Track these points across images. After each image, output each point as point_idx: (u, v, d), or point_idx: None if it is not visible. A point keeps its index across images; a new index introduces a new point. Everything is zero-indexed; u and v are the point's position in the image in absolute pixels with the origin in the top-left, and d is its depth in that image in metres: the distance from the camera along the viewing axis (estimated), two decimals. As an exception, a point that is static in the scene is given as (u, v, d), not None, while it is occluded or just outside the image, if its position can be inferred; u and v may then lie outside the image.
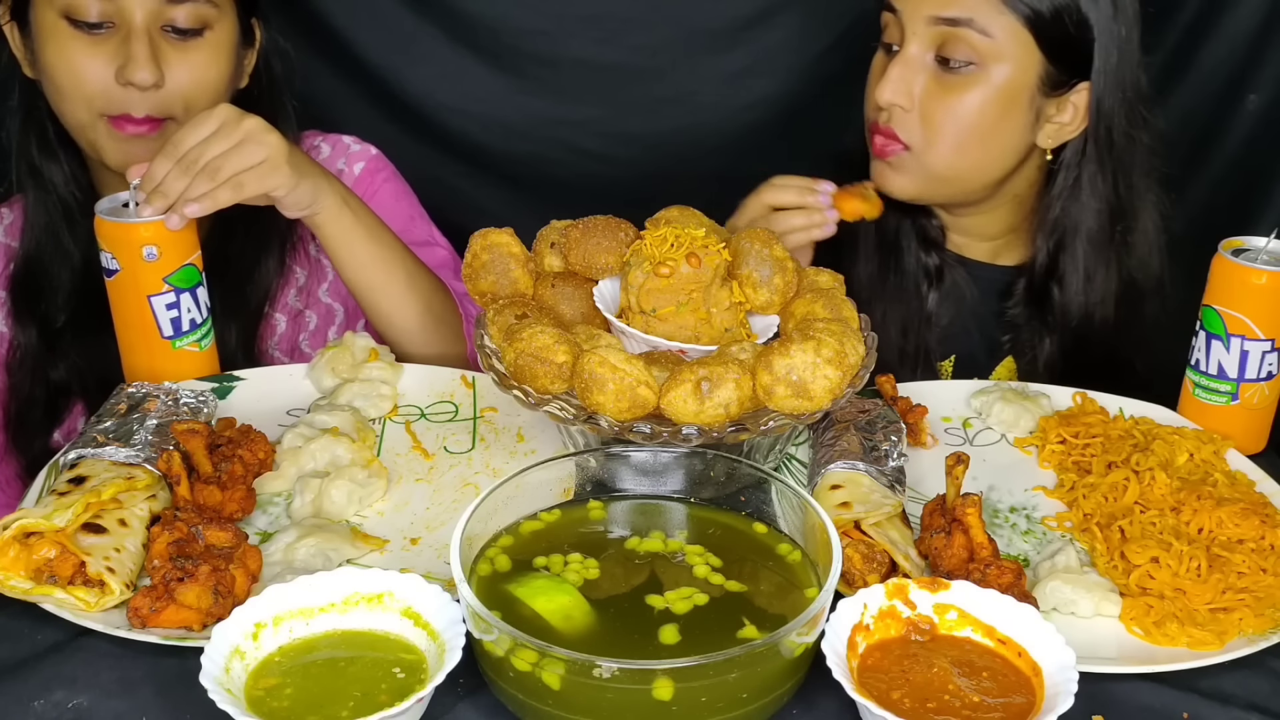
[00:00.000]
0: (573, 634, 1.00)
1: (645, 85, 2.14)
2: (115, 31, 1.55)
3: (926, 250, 1.74)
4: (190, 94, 1.60)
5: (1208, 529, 1.24)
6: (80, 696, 1.02)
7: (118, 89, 1.56)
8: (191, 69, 1.59)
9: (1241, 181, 2.13)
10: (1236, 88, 2.10)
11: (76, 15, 1.54)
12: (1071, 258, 1.70)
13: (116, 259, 1.41)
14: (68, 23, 1.55)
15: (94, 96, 1.57)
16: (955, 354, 1.77)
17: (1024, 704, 0.97)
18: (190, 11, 1.57)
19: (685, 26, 2.12)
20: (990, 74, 1.59)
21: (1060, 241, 1.70)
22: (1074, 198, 1.69)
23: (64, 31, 1.55)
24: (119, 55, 1.55)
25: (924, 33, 1.58)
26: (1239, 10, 2.06)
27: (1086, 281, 1.71)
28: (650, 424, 1.17)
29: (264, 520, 1.27)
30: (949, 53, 1.58)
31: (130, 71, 1.54)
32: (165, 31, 1.57)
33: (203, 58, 1.60)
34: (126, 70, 1.54)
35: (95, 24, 1.54)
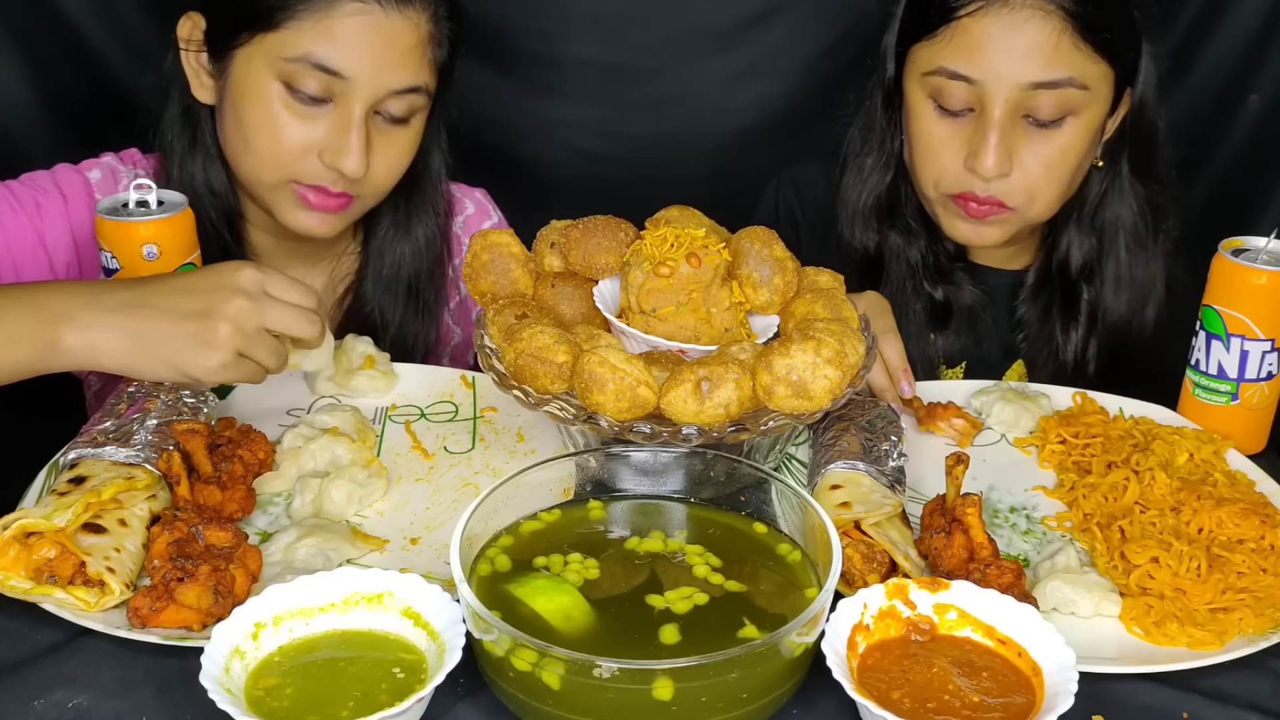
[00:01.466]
0: (573, 634, 1.00)
1: (645, 85, 2.13)
2: (330, 111, 1.50)
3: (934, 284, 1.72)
4: (382, 180, 1.58)
5: (1208, 529, 1.24)
6: (80, 696, 1.02)
7: (318, 165, 1.51)
8: (390, 158, 1.56)
9: (1241, 181, 2.13)
10: (1236, 88, 2.10)
11: (297, 86, 1.48)
12: (1113, 255, 1.70)
13: (116, 258, 1.41)
14: (284, 89, 1.49)
15: (288, 164, 1.52)
16: (966, 360, 1.77)
17: (1024, 704, 0.97)
18: (409, 103, 1.53)
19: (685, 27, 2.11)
20: (1081, 118, 1.56)
21: (1101, 240, 1.70)
22: (1114, 194, 1.68)
23: (276, 97, 1.49)
24: (330, 136, 1.50)
25: (1015, 97, 1.53)
26: (1239, 10, 2.06)
27: (1129, 280, 1.70)
28: (650, 424, 1.17)
29: (264, 520, 1.27)
30: (1042, 113, 1.54)
31: (341, 160, 1.49)
32: (376, 117, 1.53)
33: (403, 145, 1.57)
34: (337, 158, 1.49)
35: (315, 99, 1.49)
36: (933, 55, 1.57)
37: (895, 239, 1.73)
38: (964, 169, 1.58)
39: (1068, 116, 1.55)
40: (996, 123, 1.54)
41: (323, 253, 1.75)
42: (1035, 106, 1.54)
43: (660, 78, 2.13)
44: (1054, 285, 1.74)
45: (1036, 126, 1.55)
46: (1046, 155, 1.57)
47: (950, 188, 1.61)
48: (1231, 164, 2.14)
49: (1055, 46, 1.51)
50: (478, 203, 1.87)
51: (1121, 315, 1.72)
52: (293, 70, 1.47)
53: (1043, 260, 1.76)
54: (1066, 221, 1.71)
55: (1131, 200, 1.68)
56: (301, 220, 1.57)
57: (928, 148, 1.61)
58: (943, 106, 1.58)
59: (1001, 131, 1.54)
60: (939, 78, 1.56)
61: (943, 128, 1.59)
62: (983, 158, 1.55)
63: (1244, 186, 2.14)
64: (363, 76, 1.48)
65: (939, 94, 1.57)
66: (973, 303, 1.74)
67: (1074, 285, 1.72)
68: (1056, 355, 1.73)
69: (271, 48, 1.48)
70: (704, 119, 2.17)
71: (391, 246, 1.72)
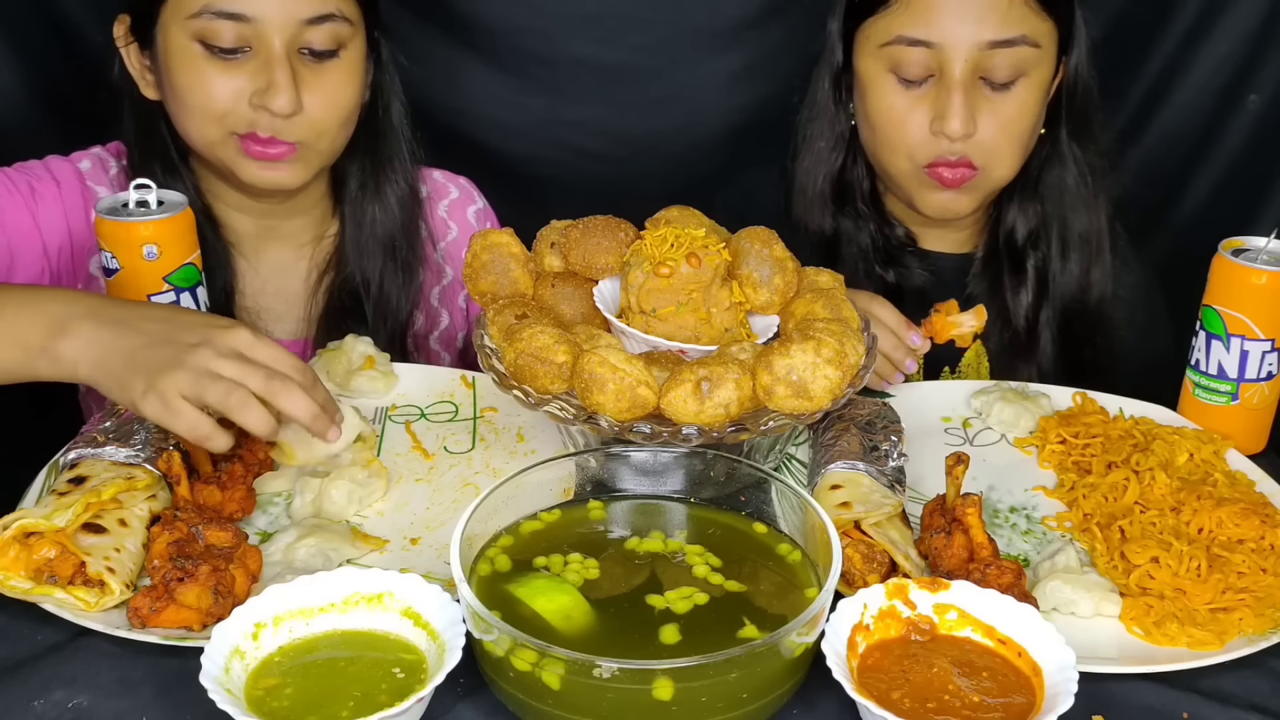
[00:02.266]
0: (573, 634, 1.00)
1: (645, 85, 2.13)
2: (251, 56, 1.51)
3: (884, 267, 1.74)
4: (322, 119, 1.56)
5: (1208, 529, 1.24)
6: (80, 696, 1.02)
7: (248, 109, 1.52)
8: (326, 93, 1.55)
9: (1241, 181, 2.14)
10: (1236, 88, 2.10)
11: (211, 40, 1.49)
12: (1059, 219, 1.73)
13: (116, 258, 1.41)
14: (201, 46, 1.50)
15: (225, 115, 1.53)
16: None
17: (1024, 704, 0.97)
18: (328, 33, 1.53)
19: (685, 26, 2.11)
20: (1033, 77, 1.60)
21: (1043, 206, 1.73)
22: (1055, 160, 1.72)
23: (197, 55, 1.51)
24: (257, 79, 1.51)
25: (973, 57, 1.56)
26: (1239, 10, 2.06)
27: (1077, 243, 1.74)
28: (650, 424, 1.17)
29: (264, 520, 1.27)
30: (997, 74, 1.57)
31: (270, 99, 1.50)
32: (301, 55, 1.53)
33: (337, 79, 1.57)
34: (266, 97, 1.50)
35: (231, 49, 1.50)
36: (888, 26, 1.60)
37: (846, 223, 1.76)
38: (930, 135, 1.60)
39: (1020, 77, 1.59)
40: (959, 83, 1.57)
41: (302, 235, 1.75)
42: (991, 67, 1.57)
43: (660, 78, 2.13)
44: (1001, 258, 1.76)
45: (992, 89, 1.59)
46: (1005, 114, 1.60)
47: (922, 158, 1.63)
48: (1231, 164, 2.14)
49: (1009, 5, 1.55)
50: (462, 188, 1.87)
51: (1072, 278, 1.74)
52: (201, 26, 1.49)
53: (989, 236, 1.79)
54: (1010, 194, 1.74)
55: (1071, 163, 1.72)
56: (258, 174, 1.57)
57: (892, 121, 1.63)
58: (902, 77, 1.60)
59: (964, 92, 1.57)
60: (897, 46, 1.59)
61: (904, 99, 1.61)
62: (949, 119, 1.57)
63: (1244, 186, 2.14)
64: (269, 14, 1.49)
65: (898, 64, 1.60)
66: (923, 284, 1.76)
67: (1020, 254, 1.75)
68: (1009, 322, 1.75)
69: (176, 10, 1.50)
70: (704, 119, 2.17)
71: (364, 207, 1.72)
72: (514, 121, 2.16)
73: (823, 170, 1.75)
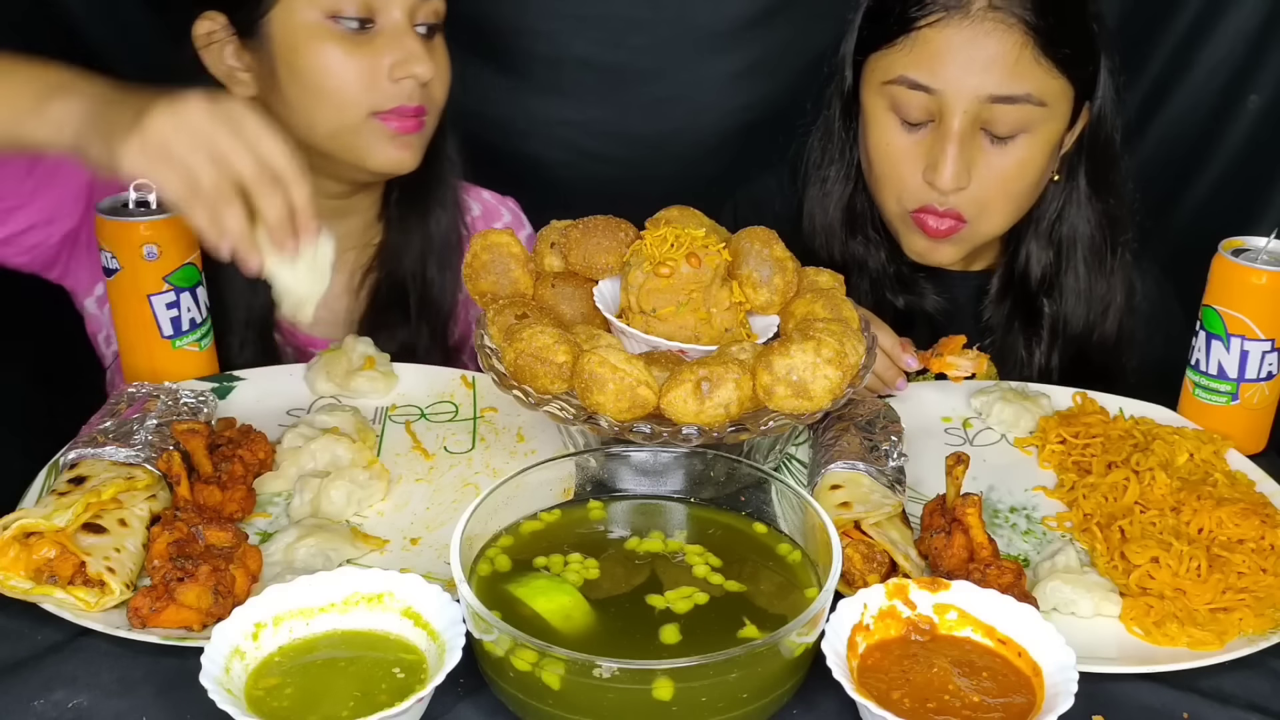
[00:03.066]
0: (573, 634, 1.00)
1: (646, 85, 2.14)
2: (377, 31, 1.55)
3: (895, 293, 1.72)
4: (437, 92, 1.63)
5: (1208, 529, 1.24)
6: (80, 696, 1.02)
7: (388, 85, 1.55)
8: (442, 65, 1.62)
9: (1241, 181, 2.13)
10: (1236, 88, 2.10)
11: (341, 12, 1.52)
12: (1072, 268, 1.69)
13: (116, 258, 1.42)
14: (330, 21, 1.53)
15: (363, 95, 1.55)
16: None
17: (1024, 704, 0.97)
18: (432, 9, 1.59)
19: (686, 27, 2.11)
20: (1038, 134, 1.54)
21: (1059, 251, 1.69)
22: (1072, 207, 1.67)
23: (326, 34, 1.53)
24: (389, 52, 1.55)
25: (973, 109, 1.51)
26: (1239, 10, 2.06)
27: (1088, 292, 1.69)
28: (650, 424, 1.17)
29: (264, 520, 1.27)
30: (998, 128, 1.52)
31: (410, 66, 1.54)
32: (416, 29, 1.58)
33: (442, 56, 1.63)
34: (406, 65, 1.54)
35: (362, 19, 1.53)
36: (891, 64, 1.55)
37: (857, 249, 1.72)
38: (923, 182, 1.56)
39: (1022, 133, 1.53)
40: (955, 135, 1.51)
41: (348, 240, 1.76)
42: (993, 120, 1.51)
43: (661, 78, 2.13)
44: (1015, 294, 1.73)
45: (992, 141, 1.54)
46: (1002, 170, 1.55)
47: (910, 203, 1.59)
48: (1231, 164, 2.13)
49: (1016, 60, 1.49)
50: (511, 210, 1.90)
51: (1081, 326, 1.70)
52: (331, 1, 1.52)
53: (1005, 268, 1.75)
54: (1025, 231, 1.69)
55: (1089, 214, 1.66)
56: (390, 155, 1.60)
57: (887, 160, 1.59)
58: (902, 118, 1.56)
59: (960, 144, 1.52)
60: (898, 87, 1.54)
61: (902, 139, 1.57)
62: (941, 170, 1.52)
63: (1244, 186, 2.13)
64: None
65: (898, 105, 1.55)
66: (934, 310, 1.73)
67: (1034, 297, 1.71)
68: (1022, 369, 1.72)
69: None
70: (704, 119, 2.17)
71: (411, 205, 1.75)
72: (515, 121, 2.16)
73: (833, 199, 1.72)
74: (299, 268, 1.22)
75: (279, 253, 1.20)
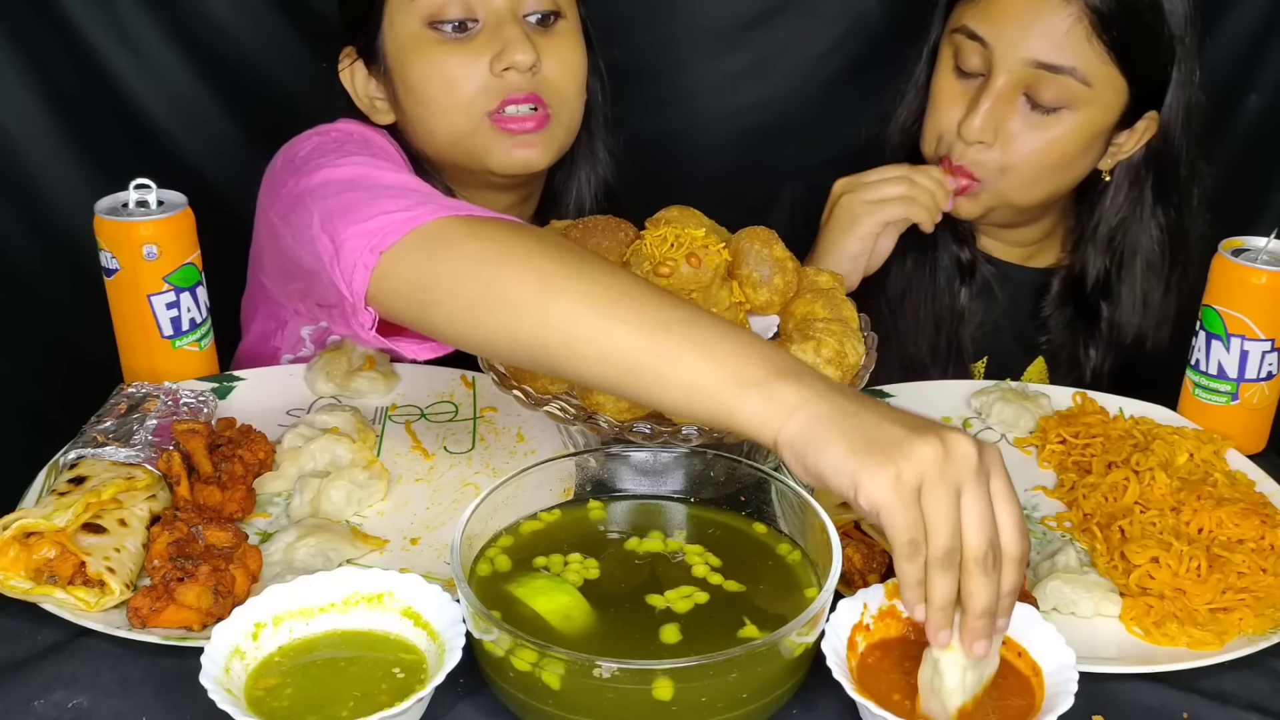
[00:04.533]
0: (573, 634, 1.00)
1: (645, 85, 2.13)
2: (479, 29, 1.52)
3: (959, 245, 1.72)
4: (560, 81, 1.56)
5: (1208, 529, 1.24)
6: (80, 696, 1.02)
7: (495, 81, 1.51)
8: (558, 56, 1.55)
9: (1241, 181, 2.13)
10: (1236, 88, 2.10)
11: (440, 17, 1.50)
12: (1130, 279, 1.69)
13: (116, 258, 1.41)
14: (432, 30, 1.51)
15: (474, 96, 1.52)
16: (988, 354, 1.77)
17: (1024, 704, 0.97)
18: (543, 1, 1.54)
19: (685, 27, 2.12)
20: (1079, 116, 1.56)
21: (1118, 261, 1.69)
22: (1134, 219, 1.67)
23: (430, 41, 1.51)
24: (490, 46, 1.51)
25: (1019, 71, 1.54)
26: (1239, 10, 2.06)
27: (1143, 305, 1.70)
28: (650, 424, 1.17)
29: (264, 520, 1.27)
30: (1042, 96, 1.54)
31: (509, 55, 1.49)
32: (525, 22, 1.54)
33: (564, 43, 1.57)
34: (504, 55, 1.50)
35: (460, 23, 1.51)
36: (962, 13, 1.60)
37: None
38: (956, 129, 1.60)
39: (1064, 109, 1.55)
40: (995, 90, 1.55)
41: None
42: (1035, 87, 1.54)
43: (661, 78, 2.13)
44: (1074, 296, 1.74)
45: (1032, 108, 1.56)
46: (1033, 139, 1.57)
47: (942, 148, 1.62)
48: (1231, 164, 2.13)
49: (1067, 32, 1.52)
50: None
51: (1134, 336, 1.71)
52: (427, 7, 1.50)
53: (1066, 269, 1.75)
54: (1086, 235, 1.70)
55: (1151, 227, 1.67)
56: (515, 155, 1.55)
57: (937, 102, 1.63)
58: (959, 67, 1.60)
59: (996, 100, 1.56)
60: (960, 35, 1.59)
61: (954, 85, 1.61)
62: (971, 119, 1.57)
63: (1244, 186, 2.13)
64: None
65: (959, 52, 1.60)
66: (989, 275, 1.74)
67: (1093, 302, 1.72)
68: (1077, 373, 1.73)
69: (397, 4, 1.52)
70: (704, 119, 2.17)
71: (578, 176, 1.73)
72: (514, 122, 2.16)
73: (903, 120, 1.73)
74: (967, 665, 0.97)
75: (961, 646, 0.96)
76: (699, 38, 2.12)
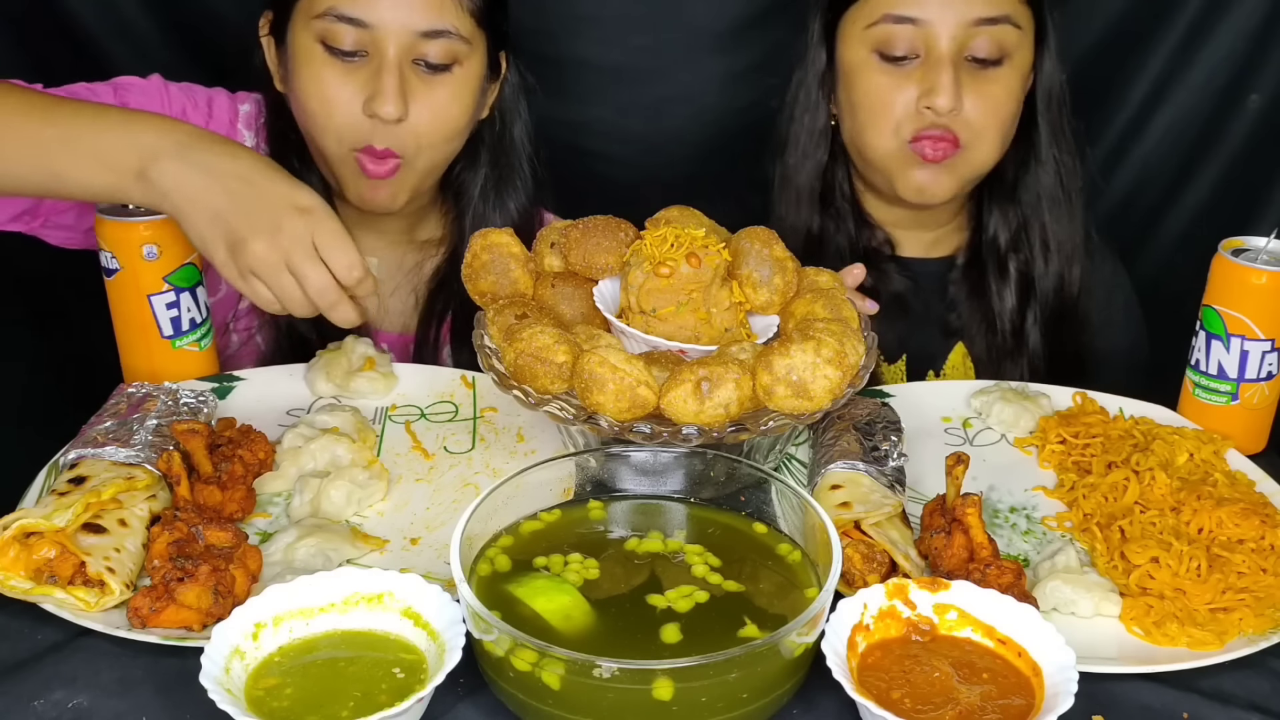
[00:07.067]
0: (573, 634, 1.00)
1: (646, 85, 2.13)
2: (368, 62, 1.55)
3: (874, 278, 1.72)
4: (427, 132, 1.59)
5: (1208, 529, 1.24)
6: (80, 696, 1.02)
7: (364, 121, 1.56)
8: (434, 107, 1.59)
9: (1241, 181, 2.13)
10: (1236, 88, 2.10)
11: (332, 42, 1.54)
12: (1038, 223, 1.75)
13: (116, 258, 1.42)
14: (323, 48, 1.55)
15: (343, 129, 1.57)
16: (906, 353, 1.79)
17: (1024, 704, 0.97)
18: (443, 47, 1.56)
19: (686, 26, 2.11)
20: (1015, 62, 1.64)
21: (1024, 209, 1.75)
22: (1031, 162, 1.73)
23: (319, 56, 1.55)
24: (368, 87, 1.55)
25: (960, 35, 1.60)
26: (1239, 10, 2.06)
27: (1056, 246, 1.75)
28: (650, 424, 1.17)
29: (264, 520, 1.27)
30: (980, 52, 1.61)
31: (378, 104, 1.53)
32: (416, 65, 1.56)
33: (447, 95, 1.59)
34: (374, 103, 1.54)
35: (350, 52, 1.54)
36: (874, 7, 1.63)
37: (828, 223, 1.78)
38: (917, 111, 1.63)
39: (1004, 58, 1.62)
40: (946, 59, 1.60)
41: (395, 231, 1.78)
42: (976, 45, 1.60)
43: (660, 78, 2.13)
44: (984, 262, 1.78)
45: (978, 66, 1.62)
46: (990, 94, 1.63)
47: (908, 131, 1.64)
48: (1231, 164, 2.14)
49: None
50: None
51: (1054, 278, 1.76)
52: (324, 27, 1.54)
53: (971, 241, 1.80)
54: (990, 198, 1.76)
55: (1048, 164, 1.74)
56: (364, 194, 1.62)
57: (878, 99, 1.65)
58: (887, 56, 1.63)
59: (953, 68, 1.60)
60: (885, 25, 1.62)
61: (890, 78, 1.64)
62: (938, 94, 1.60)
63: (1244, 186, 2.14)
64: (386, 21, 1.53)
65: (884, 43, 1.63)
66: (901, 290, 1.77)
67: (1003, 258, 1.77)
68: (993, 325, 1.77)
69: (306, 8, 1.55)
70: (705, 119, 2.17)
71: (486, 216, 1.76)
72: (514, 121, 2.16)
73: (807, 165, 1.77)
74: None
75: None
76: (699, 38, 2.12)
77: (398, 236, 1.79)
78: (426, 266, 1.79)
